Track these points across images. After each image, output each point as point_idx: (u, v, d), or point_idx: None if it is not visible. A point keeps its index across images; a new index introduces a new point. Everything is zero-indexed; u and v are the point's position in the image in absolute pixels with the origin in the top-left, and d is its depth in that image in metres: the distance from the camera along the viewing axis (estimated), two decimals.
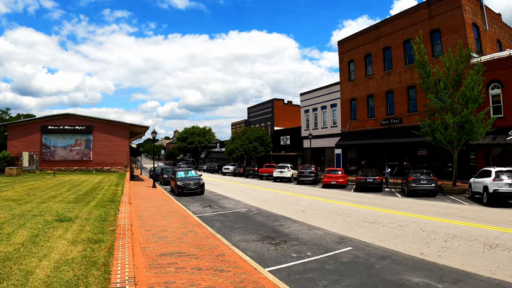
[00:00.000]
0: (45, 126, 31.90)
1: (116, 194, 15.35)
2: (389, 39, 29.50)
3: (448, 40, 24.63)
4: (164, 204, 15.19)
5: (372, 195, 19.13)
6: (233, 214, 13.18)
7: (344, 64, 34.47)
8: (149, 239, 8.37)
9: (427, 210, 13.65)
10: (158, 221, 10.91)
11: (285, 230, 10.16)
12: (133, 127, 33.35)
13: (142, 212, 12.67)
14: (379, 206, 14.87)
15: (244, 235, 9.56)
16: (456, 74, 19.61)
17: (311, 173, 27.06)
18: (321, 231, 9.99)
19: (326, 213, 13.18)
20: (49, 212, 9.49)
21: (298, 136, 41.24)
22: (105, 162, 32.52)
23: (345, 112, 33.98)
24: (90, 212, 10.01)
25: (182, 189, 19.18)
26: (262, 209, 14.20)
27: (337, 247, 8.29)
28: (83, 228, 7.87)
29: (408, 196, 18.30)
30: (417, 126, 24.64)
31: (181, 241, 8.27)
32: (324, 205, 15.34)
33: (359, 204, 15.38)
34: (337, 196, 18.94)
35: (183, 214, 12.45)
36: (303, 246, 8.40)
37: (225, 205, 15.47)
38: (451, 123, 19.44)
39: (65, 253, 5.80)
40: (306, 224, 11.00)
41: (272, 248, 8.25)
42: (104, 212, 10.16)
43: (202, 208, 14.65)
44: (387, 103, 29.89)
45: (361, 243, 8.57)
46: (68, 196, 13.44)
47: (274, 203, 15.91)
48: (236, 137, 45.98)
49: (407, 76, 28.03)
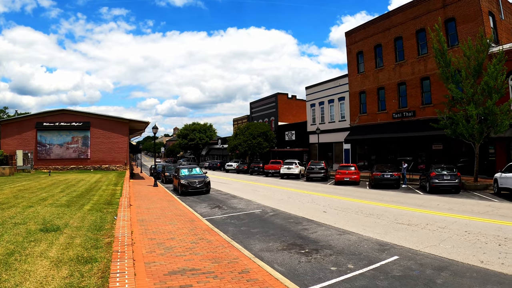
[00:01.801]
0: (40, 123, 30.36)
1: (115, 195, 13.84)
2: (401, 29, 28.03)
3: (464, 29, 23.31)
4: (167, 205, 13.73)
5: (392, 192, 17.71)
6: (246, 216, 11.70)
7: (352, 56, 32.91)
8: (153, 251, 6.92)
9: (459, 208, 12.29)
10: (163, 226, 9.46)
11: (312, 236, 8.71)
12: (132, 123, 31.76)
13: (144, 215, 11.21)
14: (406, 204, 13.45)
15: (265, 243, 8.11)
16: (476, 63, 18.65)
17: (321, 169, 25.56)
18: (354, 236, 8.57)
19: (351, 213, 11.74)
20: (34, 219, 7.97)
21: (304, 131, 39.73)
22: (104, 160, 30.99)
23: (354, 106, 32.46)
24: (83, 218, 8.49)
25: (186, 188, 17.69)
26: (278, 209, 12.73)
27: (381, 256, 6.90)
28: (73, 240, 6.37)
29: (430, 193, 17.03)
30: (432, 119, 23.73)
31: (193, 253, 6.83)
32: (346, 204, 13.88)
33: (383, 203, 13.94)
34: (356, 194, 17.48)
35: (190, 217, 11.00)
36: (340, 256, 6.98)
37: (236, 206, 13.97)
38: (474, 114, 18.46)
39: (44, 282, 4.31)
40: (334, 228, 9.56)
41: (303, 259, 6.81)
42: (100, 218, 8.65)
43: (211, 210, 13.16)
44: (399, 96, 28.43)
45: (406, 250, 7.24)
46: (61, 198, 11.88)
47: (290, 203, 14.45)
48: (239, 133, 44.41)
49: (420, 67, 26.60)
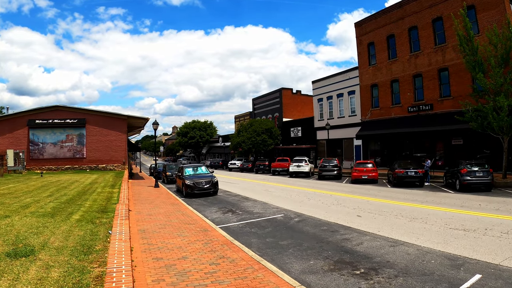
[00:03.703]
0: (33, 120, 28.45)
1: (111, 199, 11.97)
2: (415, 18, 26.26)
3: (485, 17, 21.63)
4: (172, 209, 11.91)
5: (419, 191, 15.97)
6: (267, 223, 9.88)
7: (363, 47, 31.07)
8: (162, 278, 5.12)
9: (506, 208, 10.67)
10: (170, 239, 7.66)
11: (359, 249, 6.94)
12: (131, 119, 29.83)
13: (145, 223, 9.39)
14: (445, 205, 11.73)
15: (304, 260, 6.31)
16: (504, 51, 17.33)
17: (335, 166, 23.77)
18: (412, 248, 6.84)
19: (390, 217, 9.96)
20: (4, 237, 6.09)
21: (311, 127, 37.89)
22: (100, 159, 29.10)
23: (365, 100, 30.65)
24: (68, 234, 6.57)
25: (192, 189, 15.86)
26: (303, 213, 10.92)
27: (459, 275, 5.29)
28: (48, 273, 4.39)
29: (461, 192, 15.38)
30: (451, 112, 22.24)
31: (216, 280, 5.03)
32: (377, 205, 12.08)
33: (417, 203, 12.16)
34: (380, 193, 15.68)
35: (201, 225, 9.20)
36: (408, 277, 5.26)
37: (251, 209, 12.14)
38: (505, 105, 16.85)
39: None
40: (381, 237, 7.79)
41: (364, 285, 5.06)
42: (90, 233, 6.72)
43: (223, 215, 11.33)
44: (414, 88, 26.66)
45: (485, 265, 5.67)
46: (46, 205, 9.95)
47: (312, 205, 12.64)
48: (243, 130, 42.53)
49: (438, 58, 24.83)
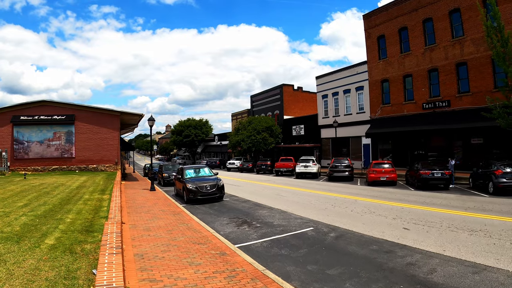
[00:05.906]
0: (17, 117, 26.11)
1: (100, 210, 9.82)
2: (430, 9, 24.55)
3: (506, 9, 20.01)
4: (175, 221, 9.87)
5: (451, 195, 14.18)
6: (298, 240, 7.85)
7: (372, 41, 29.25)
8: None
9: None
10: (179, 270, 5.64)
11: (436, 279, 5.04)
12: (124, 115, 27.58)
13: (143, 244, 7.35)
14: (494, 212, 10.00)
15: None
16: None
17: (347, 167, 21.91)
18: (499, 274, 5.19)
19: (443, 229, 8.02)
20: None
21: (315, 125, 36.01)
22: (91, 159, 26.85)
23: (374, 96, 28.85)
24: (30, 279, 4.36)
25: (194, 194, 13.79)
26: (337, 227, 8.92)
27: None
28: None
29: (496, 195, 13.76)
30: (470, 109, 20.93)
31: None
32: (419, 214, 10.14)
33: (461, 211, 10.24)
34: (411, 198, 13.74)
35: (215, 245, 7.20)
36: None
37: (270, 220, 10.10)
38: None
39: None
40: (452, 259, 5.94)
41: None
42: (65, 274, 4.51)
43: (237, 228, 9.29)
44: (430, 84, 24.91)
45: None
46: (17, 220, 7.79)
47: (341, 214, 10.67)
48: (242, 128, 40.50)
49: (455, 52, 23.11)
